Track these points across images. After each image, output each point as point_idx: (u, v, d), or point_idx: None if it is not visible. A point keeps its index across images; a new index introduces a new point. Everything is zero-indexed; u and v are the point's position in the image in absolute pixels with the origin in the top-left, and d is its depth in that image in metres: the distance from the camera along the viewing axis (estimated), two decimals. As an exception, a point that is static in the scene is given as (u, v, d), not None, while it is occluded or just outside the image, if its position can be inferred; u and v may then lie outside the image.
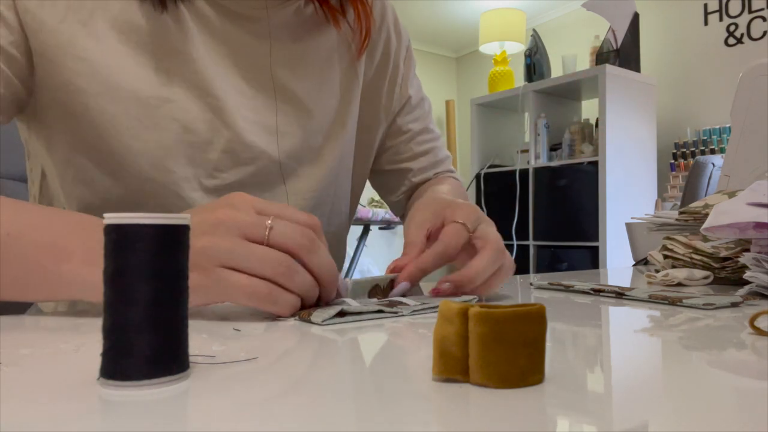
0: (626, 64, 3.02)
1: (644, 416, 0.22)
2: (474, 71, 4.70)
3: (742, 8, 3.07)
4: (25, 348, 0.33)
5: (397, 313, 0.43)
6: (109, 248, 0.26)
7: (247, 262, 0.39)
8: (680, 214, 0.77)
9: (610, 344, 0.37)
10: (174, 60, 0.57)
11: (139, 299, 0.25)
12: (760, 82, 0.93)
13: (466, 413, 0.22)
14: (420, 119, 0.80)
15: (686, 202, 2.26)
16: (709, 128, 3.08)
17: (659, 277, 0.66)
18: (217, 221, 0.40)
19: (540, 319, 0.25)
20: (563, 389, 0.25)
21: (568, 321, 0.43)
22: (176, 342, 0.26)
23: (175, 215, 0.27)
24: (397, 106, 0.77)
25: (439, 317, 0.26)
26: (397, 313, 0.43)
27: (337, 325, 0.40)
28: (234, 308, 0.48)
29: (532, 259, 3.30)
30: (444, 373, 0.25)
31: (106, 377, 0.25)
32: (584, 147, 3.10)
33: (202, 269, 0.39)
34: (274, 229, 0.40)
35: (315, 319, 0.40)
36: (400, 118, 0.78)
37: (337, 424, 0.21)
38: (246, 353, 0.31)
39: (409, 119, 0.78)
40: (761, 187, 0.58)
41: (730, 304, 0.48)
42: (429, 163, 0.80)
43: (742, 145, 0.94)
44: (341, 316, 0.41)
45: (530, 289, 0.62)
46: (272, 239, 0.40)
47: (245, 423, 0.21)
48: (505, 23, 3.70)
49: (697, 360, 0.32)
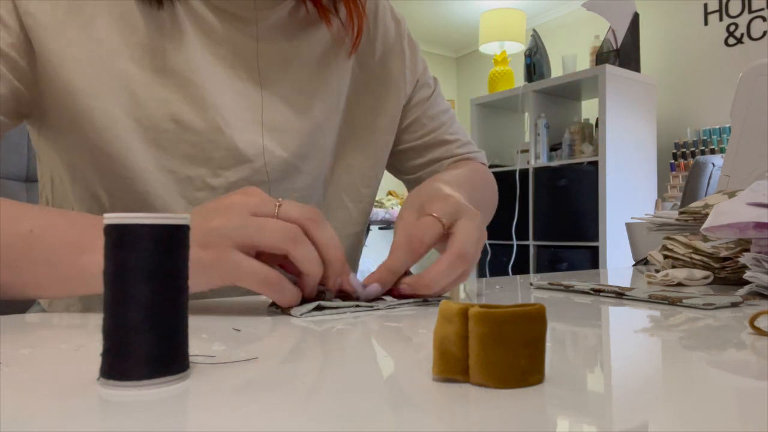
0: (626, 64, 3.02)
1: (644, 416, 0.22)
2: (474, 71, 4.70)
3: (742, 8, 3.07)
4: (25, 348, 0.33)
5: (372, 307, 0.46)
6: (109, 248, 0.26)
7: (258, 233, 0.41)
8: (680, 214, 0.77)
9: (610, 344, 0.37)
10: (172, 60, 0.57)
11: (139, 299, 0.25)
12: (760, 82, 0.93)
13: (466, 413, 0.22)
14: (432, 102, 0.79)
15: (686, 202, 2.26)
16: (709, 128, 3.08)
17: (659, 277, 0.66)
18: (229, 204, 0.43)
19: (540, 319, 0.25)
20: (563, 389, 0.25)
21: (568, 321, 0.43)
22: (176, 342, 0.26)
23: (175, 215, 0.27)
24: (410, 88, 0.76)
25: (439, 317, 0.26)
26: (372, 307, 0.46)
27: (337, 326, 0.40)
28: (234, 308, 0.48)
29: (532, 259, 3.30)
30: (444, 373, 0.25)
31: (106, 377, 0.25)
32: (584, 147, 3.10)
33: (216, 249, 0.41)
34: (282, 206, 0.43)
35: (294, 312, 0.42)
36: (414, 101, 0.77)
37: (337, 424, 0.21)
38: (246, 353, 0.31)
39: (420, 99, 0.78)
40: (761, 187, 0.58)
41: (730, 304, 0.48)
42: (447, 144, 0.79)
43: (742, 145, 0.94)
44: (319, 310, 0.43)
45: (530, 289, 0.62)
46: (281, 214, 0.43)
47: (245, 423, 0.21)
48: (505, 23, 3.70)
49: (697, 360, 0.32)
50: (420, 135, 0.78)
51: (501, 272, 3.36)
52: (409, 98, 0.76)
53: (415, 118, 0.77)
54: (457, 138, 0.80)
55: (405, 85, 0.75)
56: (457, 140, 0.80)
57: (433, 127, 0.78)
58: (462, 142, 0.80)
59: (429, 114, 0.78)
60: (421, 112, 0.77)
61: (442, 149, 0.79)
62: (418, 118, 0.77)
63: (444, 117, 0.80)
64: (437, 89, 0.81)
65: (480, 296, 0.58)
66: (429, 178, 0.67)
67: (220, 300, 0.55)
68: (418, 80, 0.77)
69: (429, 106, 0.78)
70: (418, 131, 0.78)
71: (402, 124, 0.77)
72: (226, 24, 0.60)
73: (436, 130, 0.78)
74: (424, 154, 0.78)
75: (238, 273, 0.41)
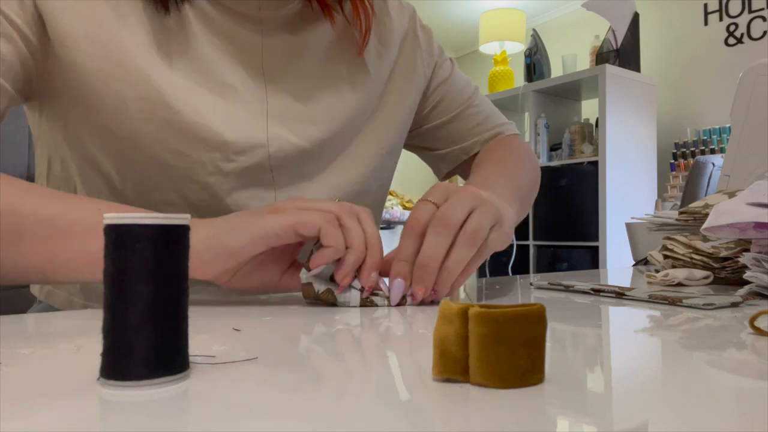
0: (626, 64, 3.02)
1: (644, 416, 0.22)
2: (474, 71, 4.70)
3: (742, 8, 3.07)
4: (25, 348, 0.33)
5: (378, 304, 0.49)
6: (109, 248, 0.26)
7: (316, 205, 0.49)
8: (680, 214, 0.77)
9: (610, 344, 0.37)
10: (179, 53, 0.57)
11: (139, 299, 0.25)
12: (760, 82, 0.93)
13: (466, 413, 0.22)
14: (454, 79, 0.80)
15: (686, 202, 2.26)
16: (709, 128, 3.08)
17: (659, 277, 0.66)
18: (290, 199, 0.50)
19: (540, 319, 0.25)
20: (563, 389, 0.25)
21: (568, 321, 0.43)
22: (176, 342, 0.26)
23: (175, 215, 0.27)
24: (429, 71, 0.77)
25: (439, 317, 0.26)
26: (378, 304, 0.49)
27: (337, 326, 0.40)
28: (234, 308, 0.49)
29: (532, 259, 3.30)
30: (444, 373, 0.25)
31: (106, 377, 0.25)
32: (584, 147, 3.10)
33: (280, 209, 0.48)
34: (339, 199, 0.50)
35: (310, 274, 0.49)
36: (435, 82, 0.78)
37: (336, 424, 0.21)
38: (246, 353, 0.31)
39: (441, 80, 0.79)
40: (761, 187, 0.58)
41: (730, 304, 0.48)
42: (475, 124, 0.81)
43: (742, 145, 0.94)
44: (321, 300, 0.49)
45: (530, 289, 0.62)
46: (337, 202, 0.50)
47: (245, 423, 0.21)
48: (505, 23, 3.70)
49: (697, 360, 0.32)
50: (446, 113, 0.79)
51: (501, 272, 3.36)
52: (429, 81, 0.78)
53: (439, 98, 0.79)
54: (483, 110, 0.82)
55: (424, 69, 0.76)
56: (482, 112, 0.81)
57: (457, 104, 0.80)
58: (488, 114, 0.82)
59: (452, 92, 0.80)
60: (444, 91, 0.79)
61: (471, 122, 0.80)
62: (442, 98, 0.79)
63: (467, 92, 0.81)
64: (455, 68, 0.82)
65: (480, 296, 0.58)
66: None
67: (220, 300, 0.56)
68: (435, 62, 0.79)
69: (450, 84, 0.80)
70: (444, 110, 0.79)
71: (426, 107, 0.79)
72: (231, 22, 0.60)
73: (461, 106, 0.80)
74: (454, 130, 0.80)
75: (298, 215, 0.47)
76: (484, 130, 0.80)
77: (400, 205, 3.82)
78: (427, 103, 0.78)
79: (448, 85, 0.80)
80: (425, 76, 0.77)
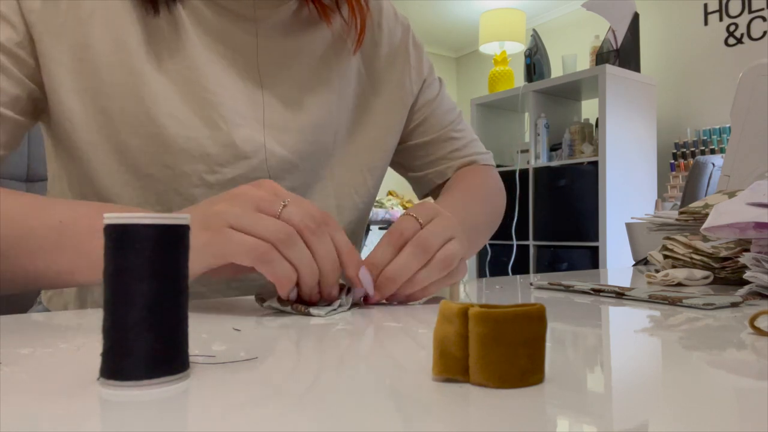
0: (626, 64, 3.02)
1: (644, 416, 0.22)
2: (474, 71, 4.70)
3: (742, 8, 3.06)
4: (25, 348, 0.33)
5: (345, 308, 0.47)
6: (109, 248, 0.26)
7: (252, 225, 0.42)
8: (680, 214, 0.77)
9: (610, 344, 0.37)
10: (170, 56, 0.57)
11: (139, 299, 0.25)
12: (760, 82, 0.93)
13: (466, 413, 0.22)
14: (439, 101, 0.79)
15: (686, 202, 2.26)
16: (709, 128, 3.08)
17: (659, 277, 0.66)
18: (238, 193, 0.45)
19: (540, 319, 0.25)
20: (563, 389, 0.25)
21: (568, 321, 0.43)
22: (176, 342, 0.26)
23: (175, 215, 0.27)
24: (416, 89, 0.77)
25: (439, 317, 0.26)
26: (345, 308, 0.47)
27: (337, 326, 0.40)
28: (234, 308, 0.49)
29: (532, 259, 3.30)
30: (444, 373, 0.25)
31: (106, 377, 0.25)
32: (584, 147, 3.10)
33: (212, 229, 0.42)
34: (287, 208, 0.43)
35: (313, 312, 0.43)
36: (421, 101, 0.78)
37: (336, 424, 0.21)
38: (246, 353, 0.31)
39: (427, 99, 0.78)
40: (761, 187, 0.58)
41: (730, 304, 0.48)
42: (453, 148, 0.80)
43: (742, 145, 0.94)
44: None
45: (530, 289, 0.62)
46: (282, 216, 0.43)
47: (245, 423, 0.21)
48: (505, 23, 3.70)
49: (697, 360, 0.32)
50: (427, 133, 0.79)
51: (501, 272, 3.36)
52: (416, 98, 0.77)
53: (423, 117, 0.78)
54: (464, 136, 0.81)
55: (411, 85, 0.75)
56: (463, 138, 0.80)
57: (440, 126, 0.79)
58: (468, 141, 0.81)
59: (436, 113, 0.79)
60: (429, 111, 0.78)
61: (449, 147, 0.79)
62: (426, 118, 0.78)
63: (451, 115, 0.81)
64: (443, 88, 0.81)
65: (480, 296, 0.58)
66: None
67: (220, 300, 0.55)
68: (424, 80, 0.78)
69: (436, 105, 0.79)
70: (426, 130, 0.78)
71: (410, 124, 0.78)
72: (225, 22, 0.60)
73: (444, 128, 0.79)
74: (432, 151, 0.79)
75: (227, 246, 0.41)
76: (460, 156, 0.80)
77: (401, 206, 3.82)
78: (411, 120, 0.78)
79: (434, 105, 0.79)
80: (412, 92, 0.76)
